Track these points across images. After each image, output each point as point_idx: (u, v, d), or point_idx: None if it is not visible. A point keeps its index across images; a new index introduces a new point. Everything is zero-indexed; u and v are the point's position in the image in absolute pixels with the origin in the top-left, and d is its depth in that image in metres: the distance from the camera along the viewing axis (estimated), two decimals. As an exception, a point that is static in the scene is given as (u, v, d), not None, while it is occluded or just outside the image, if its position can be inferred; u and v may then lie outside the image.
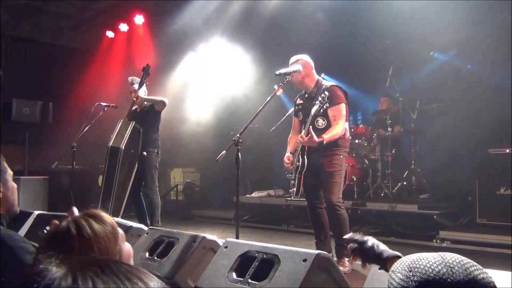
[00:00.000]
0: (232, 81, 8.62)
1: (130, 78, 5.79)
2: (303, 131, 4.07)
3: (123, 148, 5.40)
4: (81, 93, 8.82)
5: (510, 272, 1.85)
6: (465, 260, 0.91)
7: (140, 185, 5.63)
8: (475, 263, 0.91)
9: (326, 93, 4.03)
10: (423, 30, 6.70)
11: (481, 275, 0.89)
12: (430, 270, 0.89)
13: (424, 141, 7.48)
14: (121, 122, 5.61)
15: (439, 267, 0.89)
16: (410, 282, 0.89)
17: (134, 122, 5.54)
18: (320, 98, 4.00)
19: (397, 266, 0.96)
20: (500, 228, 5.13)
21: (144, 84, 5.74)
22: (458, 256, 0.93)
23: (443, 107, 6.93)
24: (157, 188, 5.60)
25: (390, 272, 0.97)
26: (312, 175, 4.15)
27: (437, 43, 7.19)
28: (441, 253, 0.94)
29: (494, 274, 1.80)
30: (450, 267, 0.88)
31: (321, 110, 4.03)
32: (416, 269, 0.90)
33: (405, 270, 0.92)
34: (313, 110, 4.02)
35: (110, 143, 5.48)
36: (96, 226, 1.26)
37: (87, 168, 8.08)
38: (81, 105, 8.04)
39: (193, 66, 9.19)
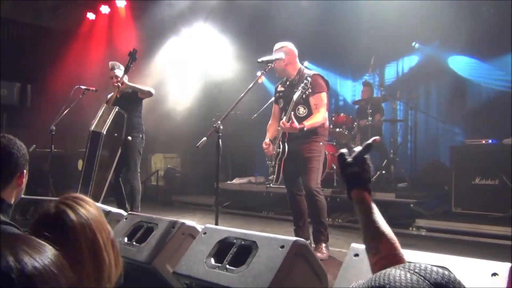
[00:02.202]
0: (214, 67, 8.57)
1: (111, 63, 5.67)
2: (284, 117, 4.09)
3: (104, 133, 5.34)
4: (60, 76, 8.67)
5: (484, 261, 1.90)
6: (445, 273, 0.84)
7: (121, 170, 5.58)
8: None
9: (309, 79, 4.05)
10: (407, 21, 6.75)
11: None
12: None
13: (403, 130, 7.59)
14: (104, 107, 5.53)
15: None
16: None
17: (117, 107, 5.46)
18: (302, 84, 4.02)
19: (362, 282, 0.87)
20: (475, 217, 5.27)
21: (122, 68, 5.63)
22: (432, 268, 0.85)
23: (423, 97, 7.03)
24: (139, 174, 5.56)
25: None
26: (292, 162, 4.18)
27: (420, 34, 7.25)
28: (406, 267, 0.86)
29: (469, 262, 1.86)
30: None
31: (303, 96, 4.06)
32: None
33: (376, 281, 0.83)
34: (295, 96, 4.04)
35: (92, 128, 5.41)
36: (91, 209, 1.27)
37: (66, 152, 7.98)
38: (61, 88, 7.88)
39: (176, 51, 9.09)
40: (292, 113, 4.01)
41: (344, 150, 1.51)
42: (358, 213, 1.45)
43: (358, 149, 1.50)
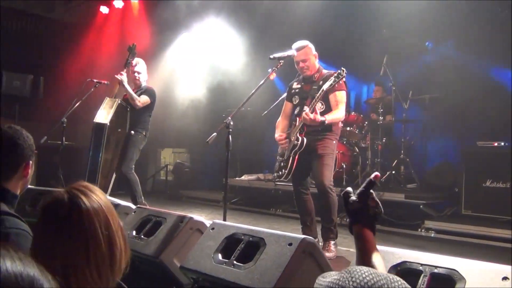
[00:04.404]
0: (225, 63, 8.56)
1: (136, 59, 5.79)
2: (307, 108, 4.06)
3: (108, 124, 5.39)
4: (73, 68, 8.72)
5: (495, 264, 1.88)
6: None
7: None
8: None
9: (343, 68, 4.05)
10: (420, 20, 6.68)
11: None
12: (373, 282, 0.88)
13: (414, 131, 7.53)
14: (106, 99, 5.62)
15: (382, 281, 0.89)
16: (347, 282, 0.88)
17: (119, 99, 5.54)
18: (336, 74, 4.02)
19: (325, 277, 0.95)
20: (484, 220, 5.22)
21: (144, 64, 5.74)
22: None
23: (435, 98, 6.96)
24: (133, 168, 5.55)
25: (319, 281, 0.96)
26: (303, 159, 4.17)
27: (433, 33, 7.17)
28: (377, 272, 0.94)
29: (480, 265, 1.83)
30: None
31: (330, 86, 4.02)
32: (354, 274, 0.89)
33: (342, 272, 0.91)
34: (325, 86, 4.01)
35: (95, 119, 5.48)
36: (101, 196, 1.30)
37: (77, 144, 8.03)
38: (73, 81, 7.94)
39: (187, 46, 9.10)
40: (316, 104, 4.01)
41: (349, 189, 1.52)
42: (356, 249, 1.45)
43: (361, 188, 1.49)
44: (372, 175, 1.49)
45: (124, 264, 1.28)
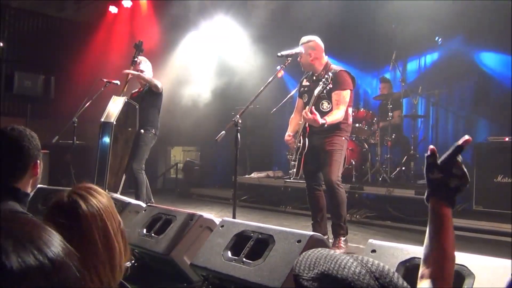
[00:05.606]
0: (234, 60, 8.57)
1: (140, 58, 5.82)
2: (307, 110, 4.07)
3: (114, 122, 5.42)
4: (83, 68, 8.79)
5: (505, 260, 1.87)
6: (386, 267, 0.86)
7: None
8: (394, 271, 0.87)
9: (330, 74, 4.03)
10: (430, 15, 6.64)
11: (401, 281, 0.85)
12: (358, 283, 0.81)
13: (424, 127, 7.49)
14: (113, 98, 5.65)
15: (366, 278, 0.82)
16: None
17: (126, 98, 5.56)
18: (323, 79, 4.00)
19: (305, 269, 0.87)
20: (496, 216, 5.18)
21: (148, 62, 5.76)
22: (378, 262, 0.87)
23: (445, 93, 6.92)
24: (144, 167, 5.56)
25: (296, 277, 0.88)
26: (313, 157, 4.17)
27: (443, 28, 7.12)
28: (358, 259, 0.87)
29: (490, 261, 1.83)
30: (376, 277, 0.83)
31: (324, 91, 4.04)
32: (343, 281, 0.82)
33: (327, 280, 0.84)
34: (316, 91, 4.03)
35: (102, 119, 5.51)
36: (102, 199, 1.31)
37: (88, 143, 8.10)
38: (83, 80, 8.00)
39: (196, 44, 9.12)
40: (313, 107, 4.00)
41: (431, 151, 1.30)
42: (428, 222, 1.31)
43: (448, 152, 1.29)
44: (461, 140, 1.25)
45: (124, 266, 1.29)
